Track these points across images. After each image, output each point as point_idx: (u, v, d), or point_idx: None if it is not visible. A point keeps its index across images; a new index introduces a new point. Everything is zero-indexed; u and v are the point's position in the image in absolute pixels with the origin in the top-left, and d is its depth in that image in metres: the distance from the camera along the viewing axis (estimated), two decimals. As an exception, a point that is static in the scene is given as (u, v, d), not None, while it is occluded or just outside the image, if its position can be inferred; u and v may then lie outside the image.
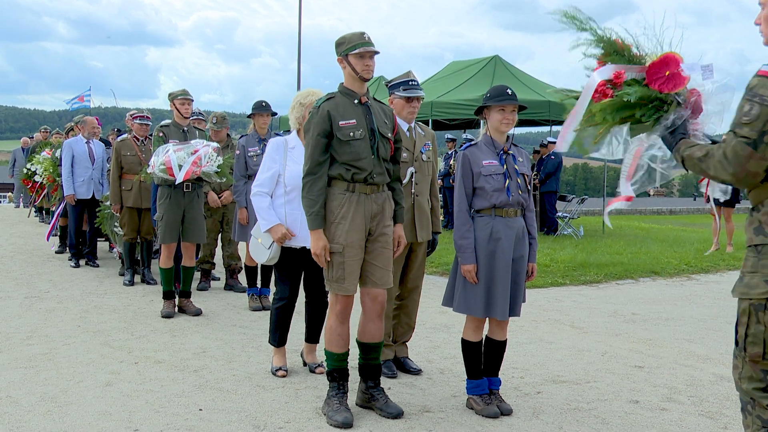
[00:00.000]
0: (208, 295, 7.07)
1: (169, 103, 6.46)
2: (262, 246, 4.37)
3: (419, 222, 4.48)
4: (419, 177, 4.51)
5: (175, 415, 3.71)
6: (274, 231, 4.25)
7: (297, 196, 4.19)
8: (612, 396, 4.22)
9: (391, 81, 4.57)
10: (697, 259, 9.87)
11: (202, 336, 5.40)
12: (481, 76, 13.75)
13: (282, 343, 4.51)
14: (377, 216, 3.74)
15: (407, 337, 4.69)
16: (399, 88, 4.45)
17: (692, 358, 5.14)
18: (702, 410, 4.02)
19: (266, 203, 4.29)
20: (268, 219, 4.26)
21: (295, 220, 4.26)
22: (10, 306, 6.32)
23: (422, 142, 4.59)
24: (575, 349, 5.28)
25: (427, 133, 4.69)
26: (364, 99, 3.76)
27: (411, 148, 4.49)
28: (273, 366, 4.49)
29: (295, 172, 4.21)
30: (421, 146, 4.56)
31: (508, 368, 4.71)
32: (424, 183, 4.56)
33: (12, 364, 4.57)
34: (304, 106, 4.27)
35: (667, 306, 7.01)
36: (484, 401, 3.87)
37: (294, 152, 4.33)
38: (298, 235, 4.26)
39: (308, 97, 4.29)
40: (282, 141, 4.41)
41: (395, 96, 4.46)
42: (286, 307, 4.47)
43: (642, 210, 25.49)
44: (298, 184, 4.15)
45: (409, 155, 4.47)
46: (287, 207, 4.30)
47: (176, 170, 5.84)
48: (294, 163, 4.27)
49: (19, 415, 3.67)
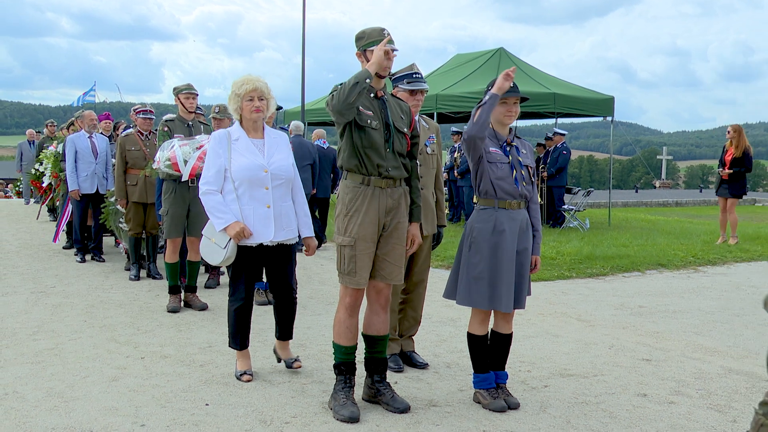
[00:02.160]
0: (213, 290, 7.07)
1: (174, 98, 6.44)
2: (216, 246, 4.13)
3: (424, 216, 4.43)
4: (423, 170, 4.47)
5: (181, 410, 3.71)
6: (230, 228, 4.04)
7: (247, 190, 4.07)
8: (620, 389, 4.20)
9: (394, 74, 4.50)
10: (704, 251, 9.82)
11: (208, 331, 5.40)
12: (486, 68, 13.69)
13: (244, 346, 4.29)
14: (392, 211, 3.70)
15: (413, 331, 4.67)
16: (403, 81, 4.40)
17: (700, 350, 5.11)
18: (711, 403, 3.99)
19: (218, 200, 4.07)
20: (223, 217, 4.04)
21: (248, 216, 4.08)
22: (17, 301, 6.33)
23: (426, 135, 4.55)
24: (582, 343, 5.26)
25: (431, 126, 4.66)
26: (380, 93, 3.73)
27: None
28: (237, 371, 4.26)
29: (241, 166, 4.05)
30: (426, 139, 4.53)
31: (515, 362, 4.69)
32: (429, 176, 4.53)
33: (18, 359, 4.58)
34: (240, 97, 4.09)
35: (675, 298, 6.98)
36: (491, 395, 3.85)
37: (238, 144, 4.12)
38: (254, 232, 4.08)
39: (243, 86, 4.08)
40: (224, 133, 4.16)
41: (399, 89, 4.41)
42: (244, 308, 4.25)
43: (648, 202, 25.40)
44: (246, 177, 4.06)
45: None
46: (240, 203, 4.09)
47: (182, 165, 5.82)
48: (240, 155, 4.08)
49: (25, 410, 3.67)
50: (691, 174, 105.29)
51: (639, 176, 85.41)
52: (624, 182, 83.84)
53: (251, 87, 4.08)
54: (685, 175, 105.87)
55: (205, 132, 6.52)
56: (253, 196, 4.10)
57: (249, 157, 4.09)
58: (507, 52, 14.37)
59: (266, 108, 4.16)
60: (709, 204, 25.58)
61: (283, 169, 4.15)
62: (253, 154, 4.11)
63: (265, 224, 4.11)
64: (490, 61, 13.81)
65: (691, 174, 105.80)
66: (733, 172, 10.55)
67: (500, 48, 14.40)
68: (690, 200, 27.50)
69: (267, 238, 4.12)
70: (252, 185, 4.08)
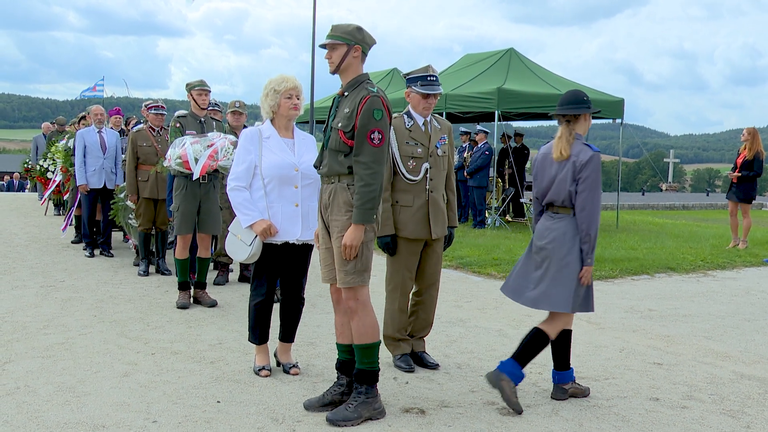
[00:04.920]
0: (223, 286, 7.07)
1: (186, 94, 6.44)
2: (242, 243, 4.14)
3: (434, 218, 4.41)
4: (434, 172, 4.42)
5: (193, 407, 3.70)
6: (257, 226, 4.06)
7: (276, 188, 4.09)
8: (631, 393, 4.18)
9: (409, 73, 4.46)
10: (713, 255, 9.78)
11: (218, 327, 5.40)
12: (495, 68, 13.65)
13: (264, 341, 4.32)
14: (327, 208, 3.63)
15: (425, 333, 4.65)
16: (417, 82, 4.34)
17: (711, 355, 5.09)
18: (724, 408, 3.97)
19: (245, 197, 4.09)
20: (250, 214, 4.06)
21: (276, 213, 4.10)
22: (27, 295, 6.34)
23: (438, 136, 4.47)
24: (593, 345, 5.24)
25: (443, 126, 4.57)
26: (340, 91, 3.65)
27: (426, 142, 4.40)
28: (255, 366, 4.30)
29: (272, 163, 4.07)
30: (437, 140, 4.46)
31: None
32: (439, 178, 4.47)
33: (29, 353, 4.59)
34: (279, 93, 4.10)
35: (684, 302, 6.95)
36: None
37: (269, 142, 4.13)
38: (281, 230, 4.10)
39: (283, 83, 4.10)
40: (255, 131, 4.17)
41: (412, 90, 4.36)
42: (265, 303, 4.27)
43: (654, 205, 25.33)
44: (276, 175, 4.07)
45: (424, 150, 4.39)
46: (267, 200, 4.11)
47: (192, 164, 5.81)
48: (271, 153, 4.09)
49: (37, 404, 3.68)
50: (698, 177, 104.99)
51: (646, 179, 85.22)
52: (630, 184, 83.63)
53: (291, 85, 4.12)
54: (692, 178, 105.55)
55: (218, 129, 6.52)
56: (282, 194, 4.11)
57: (281, 155, 4.11)
58: (517, 52, 14.33)
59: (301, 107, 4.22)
60: (716, 208, 25.49)
61: (313, 169, 4.14)
62: (285, 153, 4.13)
63: (293, 222, 4.13)
64: (500, 61, 13.77)
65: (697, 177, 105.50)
66: (742, 175, 10.44)
67: (510, 48, 14.36)
68: (697, 203, 27.42)
69: (294, 236, 4.14)
70: (282, 183, 4.10)
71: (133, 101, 51.36)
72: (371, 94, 3.52)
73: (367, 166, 3.47)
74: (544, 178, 3.94)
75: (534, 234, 4.05)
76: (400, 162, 4.36)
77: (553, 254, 3.83)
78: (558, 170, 3.85)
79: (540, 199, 4.01)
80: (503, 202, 13.53)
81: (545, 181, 3.93)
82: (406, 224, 4.37)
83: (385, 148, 3.53)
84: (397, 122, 4.39)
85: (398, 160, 4.35)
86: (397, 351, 4.55)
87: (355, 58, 3.58)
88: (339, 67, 3.59)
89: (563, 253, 3.81)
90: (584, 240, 3.80)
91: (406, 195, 4.38)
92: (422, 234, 4.39)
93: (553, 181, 3.87)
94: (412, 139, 4.37)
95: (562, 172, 3.82)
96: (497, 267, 8.26)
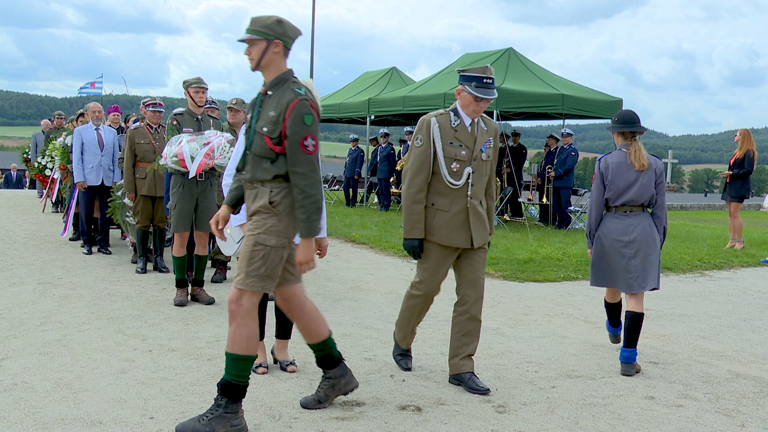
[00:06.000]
0: (220, 284, 7.07)
1: (184, 91, 6.44)
2: (230, 238, 4.12)
3: (474, 225, 4.09)
4: (476, 178, 4.11)
5: (190, 404, 3.71)
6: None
7: None
8: (627, 392, 4.20)
9: (464, 69, 4.10)
10: (710, 256, 9.80)
11: (216, 325, 5.41)
12: (495, 68, 13.62)
13: (260, 338, 4.29)
14: (252, 215, 3.44)
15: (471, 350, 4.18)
16: (471, 83, 4.02)
17: (707, 354, 5.10)
18: (719, 407, 3.99)
19: None
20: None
21: None
22: (24, 292, 6.34)
23: (483, 138, 4.13)
24: (589, 344, 5.25)
25: (489, 127, 4.20)
26: (263, 90, 3.44)
27: (471, 145, 4.09)
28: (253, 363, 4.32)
29: None
30: (482, 143, 4.12)
31: (522, 362, 4.69)
32: (480, 184, 4.15)
33: (27, 349, 4.59)
34: None
35: (681, 302, 6.96)
36: None
37: None
38: None
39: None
40: None
41: (464, 89, 4.04)
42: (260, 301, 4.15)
43: (653, 205, 25.35)
44: None
45: (468, 153, 4.08)
46: None
47: (188, 162, 5.81)
48: None
49: (34, 401, 3.68)
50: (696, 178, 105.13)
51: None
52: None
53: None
54: (690, 179, 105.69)
55: (215, 127, 6.52)
56: None
57: None
58: (516, 52, 14.35)
59: None
60: (714, 208, 25.52)
61: None
62: None
63: None
64: (499, 60, 13.78)
65: (696, 178, 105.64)
66: (734, 173, 10.56)
67: (509, 48, 14.37)
68: (695, 204, 27.46)
69: None
70: None
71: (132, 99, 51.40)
72: (299, 97, 3.28)
73: (307, 176, 3.26)
74: (620, 182, 4.62)
75: (608, 231, 4.67)
76: (443, 163, 4.05)
77: (643, 245, 4.58)
78: (640, 177, 4.59)
79: (613, 200, 4.66)
80: (501, 202, 13.55)
81: (622, 184, 4.62)
82: (439, 229, 4.08)
83: (318, 154, 3.33)
84: (442, 119, 4.10)
85: (441, 161, 4.06)
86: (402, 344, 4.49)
87: (276, 54, 3.37)
88: (259, 64, 3.37)
89: (651, 241, 4.59)
90: (664, 231, 4.75)
91: (444, 199, 4.09)
92: (456, 241, 4.09)
93: (633, 185, 4.59)
94: (456, 140, 4.07)
95: (645, 178, 4.58)
96: (495, 266, 8.27)
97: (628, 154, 4.61)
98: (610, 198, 4.66)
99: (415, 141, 4.11)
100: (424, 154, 4.07)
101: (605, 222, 4.69)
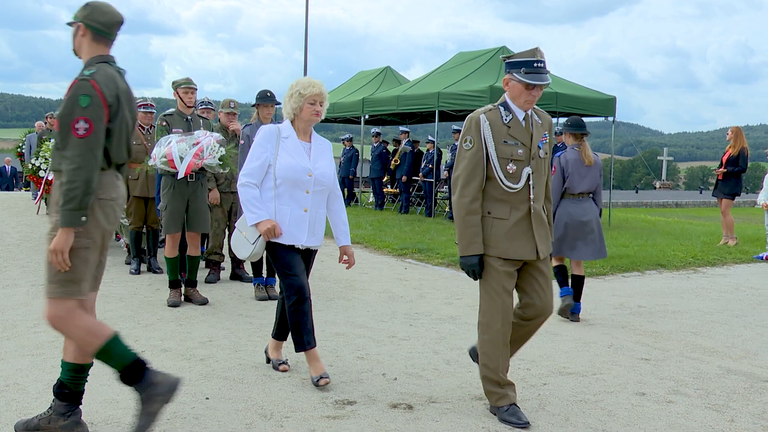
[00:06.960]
0: (214, 284, 7.08)
1: (173, 92, 6.44)
2: (245, 240, 4.10)
3: (538, 233, 3.64)
4: (536, 178, 3.64)
5: (181, 404, 3.72)
6: (261, 225, 3.98)
7: (287, 190, 4.03)
8: (618, 388, 4.22)
9: (510, 56, 3.64)
10: (703, 252, 9.84)
11: (209, 325, 5.41)
12: (488, 67, 13.69)
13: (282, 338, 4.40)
14: None
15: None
16: (520, 69, 3.54)
17: (698, 350, 5.13)
18: (709, 403, 4.01)
19: (254, 194, 4.01)
20: (256, 212, 3.98)
21: (284, 216, 4.03)
22: (17, 294, 6.34)
23: (540, 133, 3.67)
24: (581, 341, 5.27)
25: (544, 121, 3.75)
26: None
27: (528, 142, 3.62)
28: (274, 360, 4.39)
29: (287, 165, 4.00)
30: (539, 139, 3.66)
31: (514, 360, 4.69)
32: (541, 185, 3.69)
33: (19, 351, 4.59)
34: (304, 98, 4.04)
35: (674, 299, 6.99)
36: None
37: (287, 143, 4.06)
38: (286, 232, 4.02)
39: (310, 88, 4.05)
40: (274, 129, 4.09)
41: (513, 77, 3.57)
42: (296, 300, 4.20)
43: (648, 203, 25.41)
44: (290, 177, 4.01)
45: (525, 151, 3.61)
46: (277, 201, 4.04)
47: (178, 162, 5.79)
48: (287, 155, 4.02)
49: (26, 402, 3.69)
50: (692, 175, 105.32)
51: (639, 177, 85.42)
52: (624, 182, 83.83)
53: (317, 91, 4.05)
54: (686, 176, 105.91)
55: (205, 127, 6.52)
56: (293, 197, 4.05)
57: (296, 158, 4.04)
58: (509, 50, 14.37)
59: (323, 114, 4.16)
60: (709, 205, 25.60)
61: (326, 176, 4.13)
62: (301, 156, 4.07)
63: (300, 227, 4.06)
64: (492, 59, 13.81)
65: (691, 175, 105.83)
66: (727, 171, 10.62)
67: (503, 46, 14.41)
68: (690, 201, 27.55)
69: (299, 241, 4.08)
70: (294, 186, 4.04)
71: (127, 100, 51.11)
72: (81, 77, 3.06)
73: (71, 161, 2.97)
74: (576, 176, 5.85)
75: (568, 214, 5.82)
76: (497, 165, 3.58)
77: (596, 224, 5.86)
78: (590, 171, 5.87)
79: (572, 189, 5.84)
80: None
81: (577, 177, 5.85)
82: (498, 241, 3.59)
83: (94, 140, 3.01)
84: (493, 116, 3.62)
85: (495, 163, 3.58)
86: (502, 401, 3.62)
87: (83, 38, 3.20)
88: (73, 48, 3.25)
89: (598, 220, 5.93)
90: (600, 211, 6.01)
91: (502, 206, 3.61)
92: (518, 253, 3.59)
93: (586, 177, 5.85)
94: (511, 138, 3.59)
95: (594, 171, 5.88)
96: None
97: (580, 152, 5.85)
98: (570, 187, 5.86)
99: (464, 143, 3.64)
100: (476, 156, 3.59)
101: (566, 207, 5.85)
